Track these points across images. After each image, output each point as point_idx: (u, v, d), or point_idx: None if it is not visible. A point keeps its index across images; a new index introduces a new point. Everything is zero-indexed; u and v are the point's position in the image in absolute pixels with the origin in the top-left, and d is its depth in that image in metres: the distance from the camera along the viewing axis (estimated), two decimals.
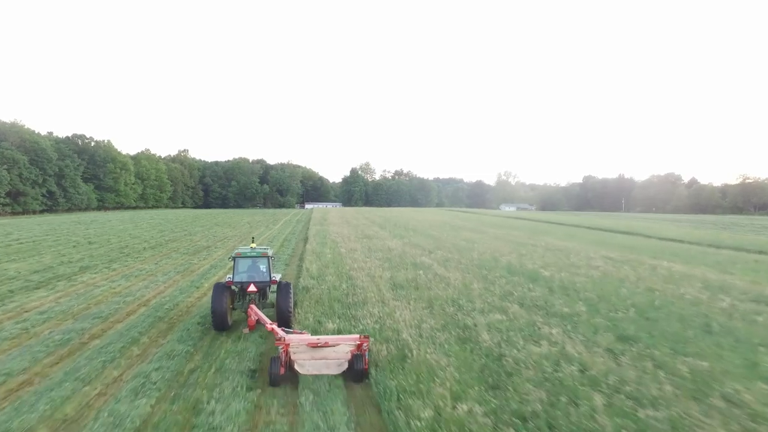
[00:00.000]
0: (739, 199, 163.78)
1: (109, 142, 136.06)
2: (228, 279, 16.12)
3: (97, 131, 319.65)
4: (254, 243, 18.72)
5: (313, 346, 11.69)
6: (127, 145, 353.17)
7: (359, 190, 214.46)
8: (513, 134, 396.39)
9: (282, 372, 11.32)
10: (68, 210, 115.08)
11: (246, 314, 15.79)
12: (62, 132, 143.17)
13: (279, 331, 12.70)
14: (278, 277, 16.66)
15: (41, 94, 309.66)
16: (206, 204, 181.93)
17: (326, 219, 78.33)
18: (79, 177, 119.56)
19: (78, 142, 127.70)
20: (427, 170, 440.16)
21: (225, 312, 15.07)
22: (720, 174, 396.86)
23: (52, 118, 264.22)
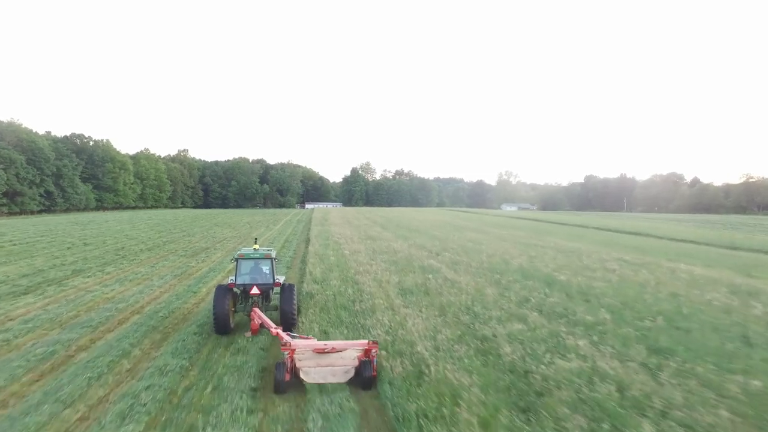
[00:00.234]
0: (743, 199, 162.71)
1: (108, 142, 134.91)
2: (230, 281, 15.67)
3: (96, 131, 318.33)
4: (257, 244, 17.98)
5: (320, 352, 11.16)
6: (127, 145, 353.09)
7: (360, 190, 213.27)
8: (513, 134, 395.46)
9: (287, 378, 10.75)
10: (66, 210, 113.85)
11: (249, 317, 15.17)
12: (60, 131, 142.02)
13: (284, 336, 12.15)
14: (282, 280, 16.14)
15: (39, 94, 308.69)
16: (206, 204, 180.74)
17: (327, 219, 77.17)
18: (78, 177, 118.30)
19: (76, 142, 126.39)
20: (428, 170, 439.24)
21: (227, 315, 14.59)
22: (721, 173, 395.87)
23: (51, 118, 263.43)
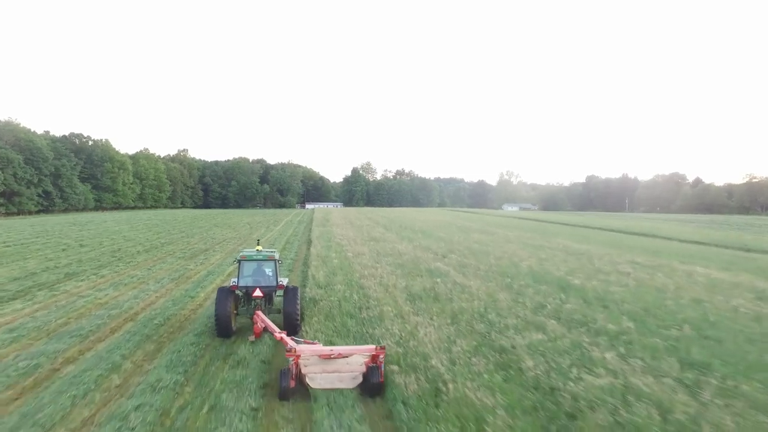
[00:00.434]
0: (746, 199, 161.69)
1: (107, 142, 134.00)
2: (233, 283, 15.30)
3: (95, 130, 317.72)
4: (260, 246, 17.37)
5: (326, 358, 10.84)
6: (126, 145, 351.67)
7: (360, 190, 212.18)
8: (514, 134, 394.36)
9: (293, 385, 10.43)
10: (65, 210, 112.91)
11: (251, 321, 14.78)
12: (59, 131, 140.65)
13: (289, 341, 11.67)
14: (285, 282, 15.75)
15: (37, 93, 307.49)
16: (206, 204, 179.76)
17: (329, 220, 76.15)
18: (76, 177, 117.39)
19: (75, 141, 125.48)
20: (429, 170, 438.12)
21: (229, 317, 14.31)
22: (724, 173, 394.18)
23: (49, 117, 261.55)
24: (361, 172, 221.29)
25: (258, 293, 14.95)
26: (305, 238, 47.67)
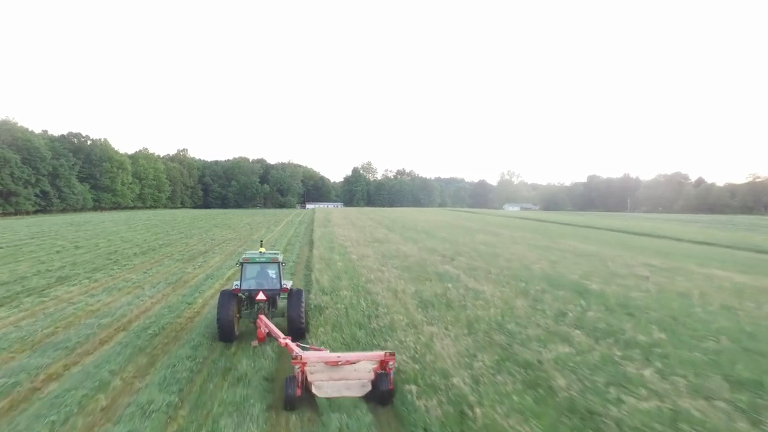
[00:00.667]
0: (749, 199, 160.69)
1: (106, 141, 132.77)
2: (235, 286, 14.86)
3: (94, 130, 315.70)
4: (263, 247, 16.76)
5: (333, 365, 10.53)
6: (125, 144, 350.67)
7: (361, 190, 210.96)
8: (515, 133, 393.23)
9: (299, 393, 10.02)
10: (63, 210, 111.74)
11: (254, 325, 14.35)
12: (57, 130, 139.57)
13: (294, 348, 11.25)
14: (289, 285, 15.33)
15: (36, 92, 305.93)
16: (206, 204, 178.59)
17: (330, 220, 75.00)
18: (75, 176, 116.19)
19: (73, 141, 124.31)
20: (429, 170, 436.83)
21: (232, 321, 13.93)
22: (725, 173, 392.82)
23: (48, 117, 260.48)
24: (362, 172, 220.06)
25: (261, 296, 14.55)
26: (307, 240, 46.53)
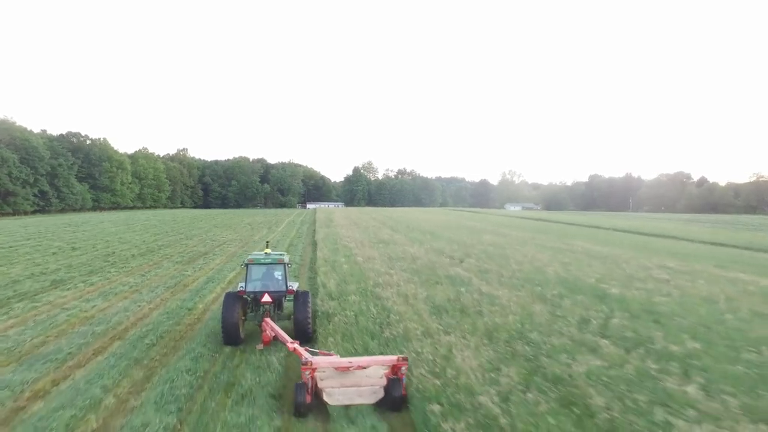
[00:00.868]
0: (753, 198, 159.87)
1: (105, 141, 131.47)
2: (240, 287, 14.65)
3: (93, 129, 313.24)
4: (269, 248, 16.35)
5: (344, 370, 10.27)
6: (124, 144, 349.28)
7: (362, 190, 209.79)
8: (516, 133, 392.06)
9: (309, 400, 9.72)
10: (62, 210, 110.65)
11: (260, 328, 13.98)
12: (56, 130, 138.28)
13: (303, 353, 10.79)
14: (295, 286, 15.11)
15: (34, 91, 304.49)
16: (206, 204, 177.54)
17: (332, 220, 73.98)
18: (73, 176, 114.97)
19: (72, 140, 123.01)
20: (430, 169, 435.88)
21: (237, 324, 13.59)
22: (727, 173, 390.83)
23: (46, 116, 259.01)
24: (363, 172, 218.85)
25: (267, 298, 14.21)
26: (309, 240, 45.54)
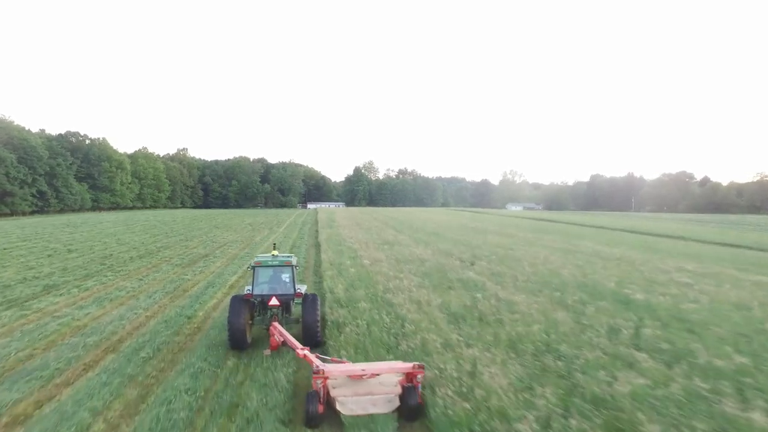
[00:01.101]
0: (757, 198, 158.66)
1: (105, 140, 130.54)
2: (247, 291, 14.44)
3: (93, 129, 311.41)
4: (276, 250, 15.91)
5: (358, 378, 9.83)
6: (124, 144, 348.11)
7: (363, 190, 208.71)
8: (517, 132, 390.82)
9: (321, 410, 9.36)
10: (60, 211, 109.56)
11: (267, 332, 13.65)
12: (55, 129, 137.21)
13: (314, 360, 10.42)
14: (303, 289, 14.80)
15: (33, 91, 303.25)
16: (206, 204, 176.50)
17: (334, 221, 72.84)
18: (72, 176, 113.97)
19: (71, 140, 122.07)
20: (430, 169, 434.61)
21: (244, 328, 13.28)
22: (729, 172, 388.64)
23: (45, 116, 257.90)
24: (364, 172, 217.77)
25: (274, 302, 13.97)
26: (312, 242, 44.43)
